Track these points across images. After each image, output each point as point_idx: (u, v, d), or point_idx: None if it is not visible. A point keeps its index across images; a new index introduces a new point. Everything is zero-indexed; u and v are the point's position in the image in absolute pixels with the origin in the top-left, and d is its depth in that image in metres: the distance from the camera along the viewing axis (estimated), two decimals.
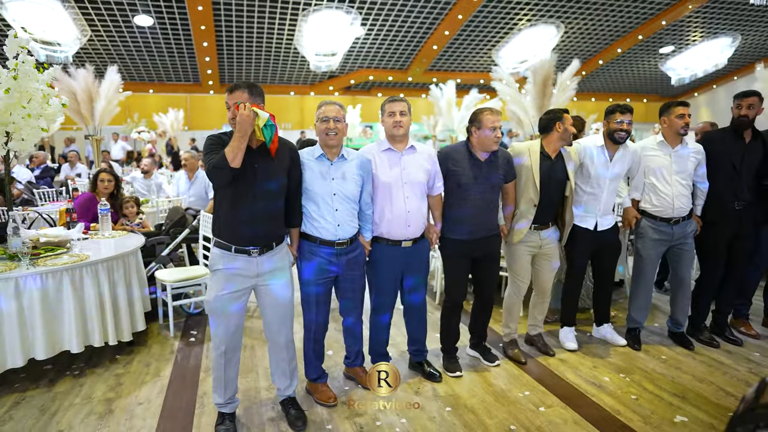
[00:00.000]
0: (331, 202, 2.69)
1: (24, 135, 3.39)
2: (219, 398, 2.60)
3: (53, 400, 2.93)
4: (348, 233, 2.76)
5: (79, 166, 9.56)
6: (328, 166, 2.71)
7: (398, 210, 2.87)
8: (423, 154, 2.97)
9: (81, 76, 7.50)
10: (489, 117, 2.96)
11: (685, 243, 3.48)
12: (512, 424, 2.67)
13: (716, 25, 14.00)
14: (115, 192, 4.68)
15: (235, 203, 2.42)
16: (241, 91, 2.38)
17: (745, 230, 3.53)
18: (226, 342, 2.51)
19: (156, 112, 14.60)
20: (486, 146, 2.99)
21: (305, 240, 2.77)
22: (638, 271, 3.61)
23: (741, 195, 3.46)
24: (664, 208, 3.42)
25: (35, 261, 3.18)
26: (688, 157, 3.40)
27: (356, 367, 3.13)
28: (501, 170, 3.08)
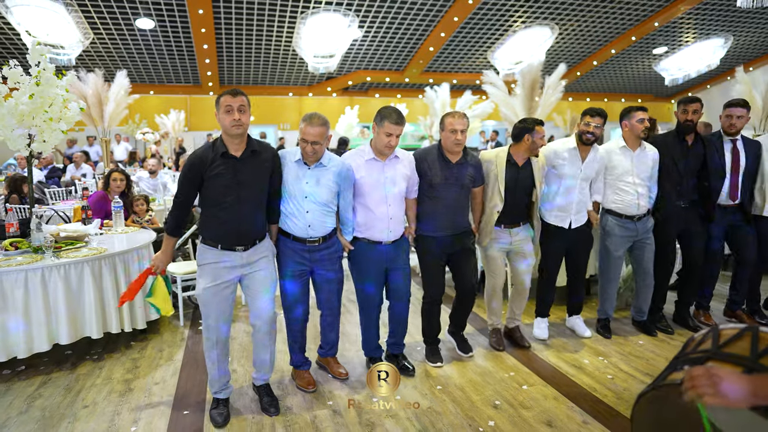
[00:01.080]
0: (302, 204, 2.82)
1: (45, 137, 3.64)
2: (213, 386, 2.79)
3: (77, 381, 3.19)
4: (319, 233, 2.89)
5: (84, 166, 9.81)
6: (305, 170, 2.83)
7: (381, 216, 3.04)
8: (404, 162, 3.10)
9: (91, 80, 7.76)
10: (450, 120, 3.11)
11: (647, 238, 3.73)
12: (497, 399, 2.93)
13: (708, 26, 14.27)
14: (126, 191, 4.93)
15: (219, 209, 2.60)
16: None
17: (694, 227, 3.80)
18: (216, 331, 2.69)
19: (157, 113, 14.84)
20: (448, 147, 3.15)
21: (282, 235, 2.94)
22: (605, 265, 3.85)
23: (685, 194, 3.74)
24: (628, 207, 3.66)
25: (58, 253, 3.43)
26: (647, 159, 3.66)
27: (329, 357, 3.29)
28: (470, 174, 3.26)
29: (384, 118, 2.92)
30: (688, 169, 3.71)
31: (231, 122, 2.50)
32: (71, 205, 5.78)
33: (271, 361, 2.89)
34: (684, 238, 3.87)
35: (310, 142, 2.73)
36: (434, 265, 3.33)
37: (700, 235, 3.83)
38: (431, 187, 3.21)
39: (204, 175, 2.57)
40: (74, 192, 8.04)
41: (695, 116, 3.62)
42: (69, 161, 10.56)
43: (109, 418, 2.76)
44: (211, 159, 2.56)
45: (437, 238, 3.26)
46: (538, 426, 2.65)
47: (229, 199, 2.58)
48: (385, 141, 2.93)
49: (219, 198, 2.59)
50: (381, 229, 3.06)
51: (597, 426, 2.65)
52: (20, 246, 3.55)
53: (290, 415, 2.79)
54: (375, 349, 3.36)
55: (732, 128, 3.75)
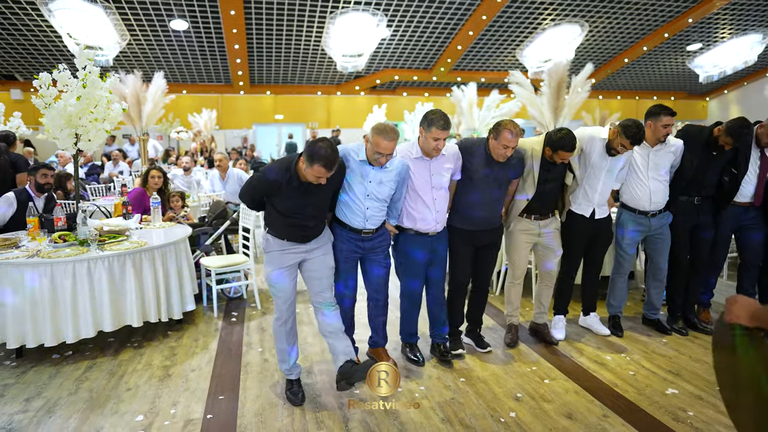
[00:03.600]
0: (363, 201, 2.99)
1: (91, 136, 3.87)
2: (285, 365, 2.98)
3: (119, 366, 3.40)
4: (375, 225, 3.10)
5: (121, 164, 10.21)
6: (369, 170, 2.95)
7: (429, 211, 3.18)
8: (448, 156, 3.20)
9: (129, 80, 8.09)
10: (507, 136, 3.08)
11: (661, 233, 3.73)
12: (519, 392, 3.01)
13: (746, 21, 13.87)
14: (163, 187, 5.16)
15: (285, 217, 2.81)
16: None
17: (706, 223, 3.79)
18: (286, 311, 2.91)
19: (190, 112, 15.26)
20: (495, 156, 3.20)
21: (338, 224, 3.11)
22: (617, 258, 3.88)
23: (703, 192, 3.73)
24: (642, 202, 3.67)
25: (102, 246, 3.65)
26: (665, 155, 3.64)
27: (379, 347, 3.41)
28: (512, 170, 3.35)
29: (431, 124, 3.00)
30: (710, 170, 3.69)
31: (316, 181, 2.66)
32: (112, 200, 6.06)
33: (338, 319, 3.01)
34: (695, 234, 3.86)
35: (385, 155, 2.85)
36: (462, 254, 3.42)
37: (710, 231, 3.82)
38: (471, 181, 3.29)
39: (273, 194, 2.79)
40: (113, 188, 8.39)
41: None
42: (107, 159, 10.99)
43: (151, 400, 2.94)
44: (284, 185, 2.72)
45: (469, 231, 3.36)
46: (559, 418, 2.72)
47: (296, 213, 2.79)
48: (432, 145, 3.04)
49: (285, 211, 2.80)
50: (428, 222, 3.20)
51: (617, 420, 2.70)
52: (68, 239, 3.78)
53: (318, 402, 2.93)
54: (413, 335, 3.48)
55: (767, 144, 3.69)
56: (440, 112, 3.05)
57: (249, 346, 3.74)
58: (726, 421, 2.68)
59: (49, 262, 3.33)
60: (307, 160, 2.57)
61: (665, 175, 3.68)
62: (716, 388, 3.03)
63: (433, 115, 3.02)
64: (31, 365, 3.41)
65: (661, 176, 3.66)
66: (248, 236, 4.63)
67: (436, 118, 3.00)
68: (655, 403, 2.87)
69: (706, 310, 4.12)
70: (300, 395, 2.93)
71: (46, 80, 3.80)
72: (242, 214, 4.79)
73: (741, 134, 3.49)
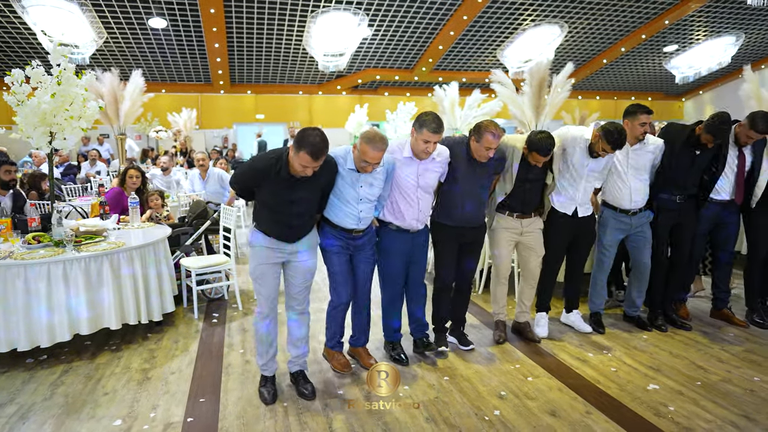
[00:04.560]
0: (357, 205, 2.99)
1: (66, 134, 3.77)
2: (261, 359, 2.95)
3: (96, 370, 3.31)
4: (366, 224, 3.10)
5: (99, 163, 10.00)
6: (358, 176, 2.94)
7: (412, 209, 3.18)
8: (439, 161, 3.20)
9: (106, 79, 7.92)
10: (489, 138, 3.09)
11: (642, 231, 3.78)
12: (502, 390, 3.01)
13: (720, 24, 14.17)
14: (142, 187, 5.06)
15: (272, 212, 2.78)
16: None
17: (687, 221, 3.84)
18: (268, 304, 2.87)
19: (169, 111, 15.02)
20: (477, 157, 3.22)
21: (327, 225, 3.07)
22: (599, 256, 3.92)
23: (685, 191, 3.77)
24: (622, 201, 3.71)
25: (78, 247, 3.56)
26: (644, 154, 3.68)
27: (359, 347, 3.39)
28: (492, 169, 3.36)
29: (423, 125, 2.98)
30: (693, 168, 3.73)
31: (301, 172, 2.61)
32: (89, 201, 5.92)
33: (304, 340, 3.04)
34: (676, 232, 3.91)
35: (373, 164, 2.83)
36: (447, 251, 3.43)
37: (690, 229, 3.87)
38: (454, 180, 3.30)
39: (261, 184, 2.74)
40: (90, 189, 8.21)
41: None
42: (84, 159, 10.76)
43: (129, 404, 2.87)
44: (272, 174, 2.67)
45: (453, 228, 3.37)
46: (542, 415, 2.73)
47: (282, 209, 2.75)
48: (422, 147, 3.02)
49: (273, 206, 2.77)
50: (411, 220, 3.20)
51: (600, 416, 2.72)
52: (42, 240, 3.68)
53: (301, 401, 2.89)
54: (396, 332, 3.46)
55: (745, 144, 3.76)
56: (434, 115, 3.03)
57: (230, 347, 3.68)
58: (706, 415, 2.72)
59: (22, 264, 3.24)
60: (296, 146, 2.53)
61: (645, 174, 3.72)
62: (697, 383, 3.07)
63: (426, 117, 3.00)
64: (3, 370, 3.30)
65: (641, 175, 3.70)
66: (229, 236, 4.57)
67: (428, 121, 2.97)
68: (636, 398, 2.90)
69: (684, 306, 4.18)
70: (272, 393, 2.90)
71: (19, 77, 3.70)
72: (223, 214, 4.73)
73: (721, 130, 3.53)
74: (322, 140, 2.51)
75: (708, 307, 4.30)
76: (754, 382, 3.09)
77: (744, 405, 2.82)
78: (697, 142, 3.68)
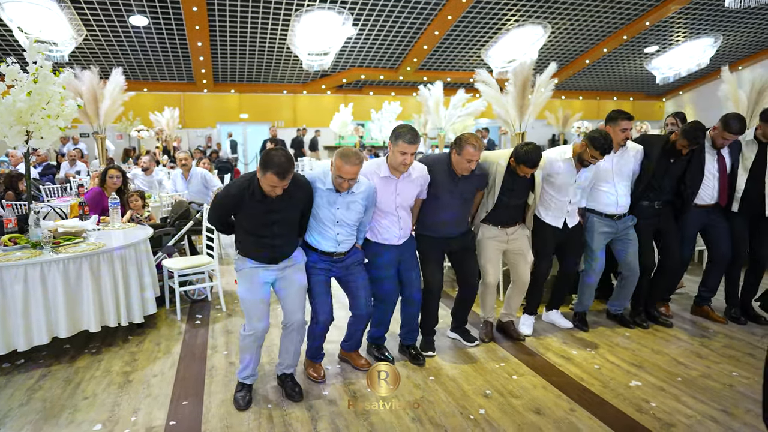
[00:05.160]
0: (333, 227, 2.95)
1: (43, 134, 3.69)
2: (244, 372, 2.91)
3: (76, 373, 3.25)
4: (346, 248, 3.05)
5: (79, 163, 9.83)
6: (336, 197, 2.90)
7: (392, 227, 3.18)
8: (416, 179, 3.19)
9: (86, 77, 7.78)
10: (470, 150, 3.12)
11: (628, 234, 3.83)
12: (488, 389, 3.02)
13: (698, 25, 14.42)
14: (123, 187, 4.97)
15: (252, 236, 2.77)
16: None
17: (668, 226, 3.90)
18: (260, 326, 2.82)
19: (151, 110, 14.83)
20: (459, 170, 3.24)
21: (308, 248, 3.03)
22: (587, 260, 3.93)
23: (660, 196, 3.82)
24: (608, 206, 3.75)
25: (56, 249, 3.49)
26: (628, 158, 3.75)
27: (352, 351, 3.38)
28: (475, 185, 3.39)
29: (399, 137, 2.98)
30: (668, 176, 3.79)
31: (270, 192, 2.62)
32: (68, 201, 5.81)
33: (297, 353, 3.03)
34: (660, 237, 3.97)
35: (348, 179, 2.80)
36: (433, 260, 3.43)
37: (674, 234, 3.92)
38: (436, 198, 3.31)
39: (238, 210, 2.74)
40: (69, 189, 8.06)
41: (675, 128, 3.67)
42: (63, 158, 10.56)
43: (109, 408, 2.82)
44: (246, 197, 2.67)
45: (437, 238, 3.39)
46: (527, 413, 2.75)
47: (262, 231, 2.74)
48: (400, 159, 3.01)
49: (253, 230, 2.76)
50: (391, 235, 3.19)
51: (584, 413, 2.74)
52: (19, 241, 3.59)
53: (286, 402, 2.86)
54: (380, 338, 3.46)
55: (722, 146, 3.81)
56: (408, 127, 3.05)
57: (214, 349, 3.64)
58: (686, 410, 2.76)
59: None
60: (261, 169, 2.56)
61: (629, 180, 3.78)
62: (678, 379, 3.12)
63: (401, 129, 3.02)
64: None
65: (625, 180, 3.76)
66: (212, 237, 4.52)
67: (403, 132, 2.99)
68: (619, 395, 2.93)
69: (666, 303, 4.24)
70: (247, 399, 2.86)
71: None
72: (206, 214, 4.66)
73: (695, 136, 3.59)
74: (288, 159, 2.55)
75: (688, 303, 4.36)
76: (733, 377, 3.14)
77: (723, 400, 2.87)
78: (673, 149, 3.73)
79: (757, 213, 3.87)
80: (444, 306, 3.94)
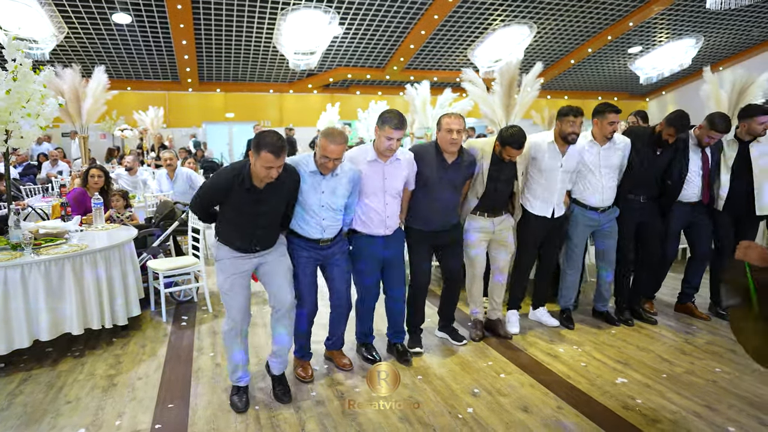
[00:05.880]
0: (318, 212, 2.94)
1: (23, 133, 3.61)
2: (236, 374, 2.86)
3: (58, 377, 3.19)
4: (332, 234, 3.04)
5: (60, 163, 9.66)
6: (320, 179, 2.90)
7: (379, 214, 3.15)
8: (403, 163, 3.19)
9: (67, 75, 7.65)
10: (446, 120, 3.20)
11: (610, 227, 3.86)
12: (476, 387, 3.03)
13: (681, 26, 14.62)
14: (105, 187, 4.89)
15: (236, 225, 2.73)
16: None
17: (652, 221, 3.94)
18: (240, 321, 2.78)
19: (135, 109, 14.62)
20: (444, 147, 3.26)
21: (293, 236, 3.02)
22: (568, 253, 3.99)
23: (645, 191, 3.86)
24: (593, 198, 3.78)
25: (37, 250, 3.42)
26: (615, 152, 3.77)
27: (334, 350, 3.37)
28: (465, 172, 3.39)
29: (385, 122, 2.98)
30: (652, 170, 3.83)
31: (265, 176, 2.56)
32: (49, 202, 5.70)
33: (290, 339, 2.97)
34: (642, 231, 4.00)
35: (333, 159, 2.79)
36: (422, 255, 3.43)
37: (657, 229, 3.96)
38: (426, 186, 3.30)
39: (225, 200, 2.69)
40: (51, 189, 7.92)
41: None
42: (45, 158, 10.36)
43: (93, 412, 2.77)
44: (234, 188, 2.62)
45: (426, 232, 3.37)
46: (515, 412, 2.76)
47: (246, 223, 2.70)
48: (386, 144, 3.01)
49: (236, 218, 2.71)
50: (378, 224, 3.17)
51: (571, 411, 2.76)
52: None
53: (274, 403, 2.84)
54: (368, 335, 3.45)
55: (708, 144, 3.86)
56: (395, 112, 3.04)
57: (200, 350, 3.60)
58: (671, 406, 2.79)
59: None
60: (255, 150, 2.50)
61: (616, 173, 3.81)
62: (663, 376, 3.15)
63: (389, 114, 3.01)
64: None
65: (612, 174, 3.78)
66: (198, 237, 4.47)
67: (390, 117, 2.99)
68: (606, 392, 2.96)
69: (650, 300, 4.29)
70: (244, 400, 2.82)
71: None
72: (191, 214, 4.61)
73: (681, 124, 3.63)
74: (280, 138, 2.52)
75: (672, 300, 4.42)
76: (716, 373, 3.19)
77: (706, 395, 2.91)
78: (659, 140, 3.77)
79: (741, 211, 3.93)
80: (430, 305, 3.94)
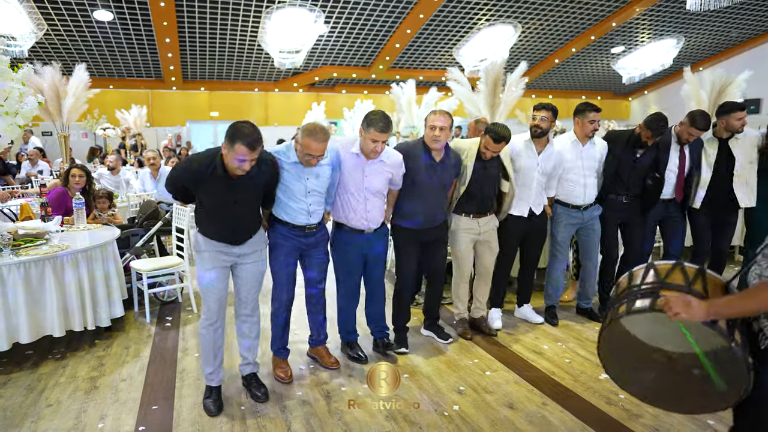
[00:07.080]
0: (305, 198, 2.93)
1: (1, 131, 3.54)
2: (208, 368, 2.82)
3: (39, 380, 3.13)
4: (317, 219, 3.04)
5: (41, 163, 9.49)
6: (302, 168, 2.88)
7: (358, 209, 3.14)
8: (388, 164, 3.13)
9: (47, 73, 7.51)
10: (430, 117, 3.24)
11: (592, 224, 3.92)
12: (461, 385, 3.04)
13: (662, 27, 14.83)
14: (87, 187, 4.81)
15: (213, 215, 2.69)
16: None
17: (634, 219, 3.99)
18: (216, 313, 2.76)
19: (117, 108, 14.43)
20: (428, 143, 3.27)
21: (278, 223, 3.00)
22: (553, 251, 4.04)
23: (629, 191, 3.90)
24: (575, 197, 3.84)
25: (17, 251, 3.36)
26: (595, 152, 3.84)
27: (319, 346, 3.36)
28: (452, 171, 3.41)
29: (370, 124, 2.94)
30: (634, 171, 3.87)
31: (239, 169, 2.49)
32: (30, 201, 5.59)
33: (255, 343, 2.97)
34: (625, 230, 4.06)
35: (316, 156, 2.77)
36: (408, 253, 3.44)
37: (637, 227, 4.01)
38: (414, 184, 3.29)
39: (196, 186, 2.62)
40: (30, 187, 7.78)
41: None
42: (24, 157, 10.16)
43: (75, 415, 2.73)
44: (207, 175, 2.55)
45: (414, 230, 3.37)
46: (500, 408, 2.78)
47: (222, 211, 2.65)
48: (371, 147, 2.99)
49: (212, 208, 2.67)
50: (359, 219, 3.15)
51: (555, 407, 2.79)
52: None
53: (259, 405, 2.83)
54: (351, 332, 3.44)
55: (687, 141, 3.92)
56: (381, 113, 3.00)
57: (185, 351, 3.56)
58: None
59: None
60: (229, 142, 2.42)
61: (596, 172, 3.86)
62: None
63: (374, 116, 2.97)
64: None
65: (592, 172, 3.83)
66: (182, 237, 4.42)
67: (375, 120, 2.94)
68: (589, 388, 2.99)
69: None
70: (218, 404, 2.79)
71: None
72: (175, 214, 4.57)
73: (658, 126, 3.68)
74: (255, 130, 2.46)
75: None
76: None
77: None
78: (638, 141, 3.81)
79: (720, 208, 4.01)
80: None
